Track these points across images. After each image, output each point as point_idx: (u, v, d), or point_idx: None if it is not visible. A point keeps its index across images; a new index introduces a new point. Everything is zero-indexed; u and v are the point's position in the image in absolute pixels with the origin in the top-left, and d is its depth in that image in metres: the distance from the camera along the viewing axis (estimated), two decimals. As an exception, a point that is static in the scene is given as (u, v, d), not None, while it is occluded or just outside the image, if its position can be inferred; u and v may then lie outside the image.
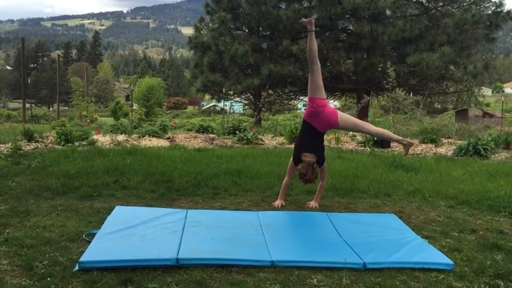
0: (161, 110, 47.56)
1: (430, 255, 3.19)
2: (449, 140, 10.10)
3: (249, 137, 9.11)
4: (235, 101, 22.89)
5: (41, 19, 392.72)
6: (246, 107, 26.20)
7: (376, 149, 8.47)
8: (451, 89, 21.98)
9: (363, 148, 8.85)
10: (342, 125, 4.16)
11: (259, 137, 9.61)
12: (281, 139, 9.80)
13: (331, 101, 31.61)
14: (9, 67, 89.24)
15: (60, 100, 27.11)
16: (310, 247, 3.31)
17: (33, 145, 7.41)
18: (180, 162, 6.16)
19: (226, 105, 20.83)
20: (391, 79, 11.30)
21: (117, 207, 4.08)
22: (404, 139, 4.51)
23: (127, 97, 61.28)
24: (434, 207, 4.61)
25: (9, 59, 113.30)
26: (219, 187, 5.07)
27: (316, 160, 4.15)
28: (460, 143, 9.02)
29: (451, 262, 3.06)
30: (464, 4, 20.66)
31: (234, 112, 20.69)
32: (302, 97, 26.22)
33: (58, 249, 3.10)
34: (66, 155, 6.25)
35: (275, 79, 19.96)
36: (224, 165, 6.07)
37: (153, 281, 2.69)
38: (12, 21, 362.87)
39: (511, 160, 7.71)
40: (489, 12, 19.99)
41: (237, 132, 10.09)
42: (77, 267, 2.79)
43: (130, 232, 3.40)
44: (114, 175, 5.29)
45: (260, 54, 21.15)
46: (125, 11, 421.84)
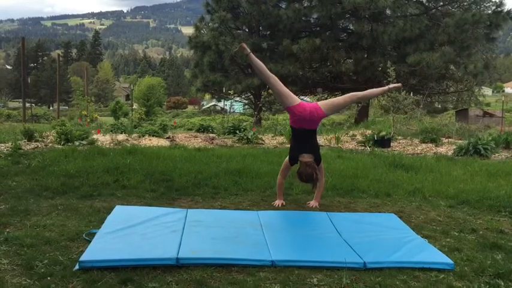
0: (161, 109, 47.55)
1: (430, 254, 3.19)
2: (450, 139, 10.09)
3: (249, 137, 9.11)
4: (235, 101, 22.89)
5: (41, 18, 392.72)
6: (246, 106, 26.21)
7: (376, 148, 8.47)
8: (451, 89, 21.97)
9: (363, 148, 8.85)
10: (329, 112, 4.33)
11: (260, 136, 9.61)
12: (281, 139, 9.79)
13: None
14: (9, 66, 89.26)
15: (60, 99, 27.11)
16: (310, 247, 3.31)
17: (33, 144, 7.40)
18: (180, 161, 6.16)
19: (226, 105, 20.86)
20: (391, 79, 11.28)
21: (117, 206, 4.08)
22: (389, 87, 4.58)
23: (127, 97, 61.29)
24: (435, 207, 4.61)
25: (9, 59, 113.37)
26: (219, 186, 5.07)
27: (313, 159, 4.18)
28: (460, 142, 9.02)
29: (451, 262, 3.06)
30: (465, 4, 20.67)
31: (234, 112, 20.69)
32: (303, 97, 26.19)
33: (58, 249, 3.11)
34: (66, 154, 6.25)
35: (275, 79, 19.94)
36: (224, 164, 6.07)
37: (153, 280, 2.69)
38: (12, 21, 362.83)
39: (511, 160, 7.71)
40: (489, 11, 20.00)
41: (237, 131, 10.09)
42: (77, 267, 2.79)
43: (131, 231, 3.40)
44: (114, 174, 5.29)
45: (260, 54, 21.10)
46: (125, 11, 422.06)
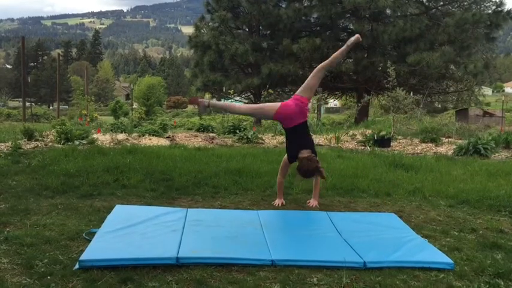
0: (161, 109, 47.52)
1: (430, 254, 3.19)
2: (450, 139, 10.09)
3: (249, 136, 9.10)
4: (236, 100, 22.88)
5: (41, 18, 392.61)
6: (246, 106, 26.18)
7: (376, 148, 8.47)
8: (451, 89, 21.97)
9: (363, 147, 8.85)
10: (308, 94, 4.39)
11: (259, 136, 9.61)
12: (281, 138, 9.78)
13: (331, 100, 31.62)
14: (9, 66, 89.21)
15: (60, 99, 27.10)
16: (310, 246, 3.31)
17: (33, 144, 7.40)
18: (180, 161, 6.16)
19: (226, 104, 20.81)
20: (391, 78, 11.29)
21: (117, 206, 4.08)
22: (347, 44, 4.66)
23: (127, 96, 61.29)
24: (435, 207, 4.61)
25: (9, 58, 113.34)
26: (219, 186, 5.07)
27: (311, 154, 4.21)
28: (460, 142, 9.01)
29: (451, 261, 3.06)
30: (465, 3, 20.68)
31: (234, 111, 20.64)
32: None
33: (58, 248, 3.11)
34: (66, 153, 6.25)
35: (275, 78, 19.96)
36: (224, 164, 6.07)
37: (153, 279, 2.69)
38: (12, 20, 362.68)
39: (511, 159, 7.70)
40: (489, 11, 20.01)
41: (237, 131, 10.08)
42: (77, 266, 2.79)
43: (131, 231, 3.40)
44: (114, 174, 5.29)
45: (260, 53, 21.14)
46: (125, 10, 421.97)
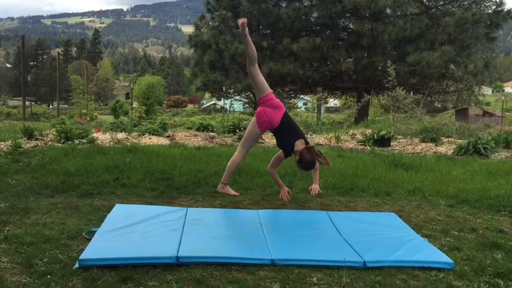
0: (161, 108, 47.51)
1: (430, 254, 3.19)
2: (450, 139, 10.09)
3: (249, 136, 9.08)
4: (235, 100, 22.89)
5: (41, 17, 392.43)
6: (246, 105, 26.22)
7: (376, 147, 8.47)
8: (451, 88, 21.95)
9: (363, 147, 8.85)
10: (265, 92, 4.20)
11: (259, 135, 9.60)
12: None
13: (331, 100, 31.61)
14: (9, 65, 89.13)
15: (60, 98, 27.07)
16: (310, 245, 3.31)
17: (33, 143, 7.40)
18: (180, 160, 6.16)
19: (226, 104, 20.85)
20: (391, 78, 11.28)
21: (117, 205, 4.08)
22: (244, 32, 4.21)
23: (127, 95, 61.25)
24: (434, 206, 4.61)
25: (9, 57, 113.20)
26: (219, 185, 5.06)
27: (306, 142, 4.17)
28: (460, 142, 9.02)
29: (451, 261, 3.06)
30: (465, 3, 20.66)
31: (234, 110, 20.69)
32: (302, 96, 26.22)
33: (58, 247, 3.10)
34: (66, 152, 6.25)
35: (275, 78, 19.93)
36: (224, 163, 6.01)
37: (153, 279, 2.69)
38: (12, 19, 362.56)
39: (511, 159, 7.70)
40: (489, 11, 19.98)
41: (237, 130, 10.08)
42: (77, 265, 2.79)
43: (131, 230, 3.40)
44: (114, 173, 5.29)
45: (260, 53, 21.07)
46: (125, 9, 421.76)
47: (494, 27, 19.67)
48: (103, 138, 8.20)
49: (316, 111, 14.49)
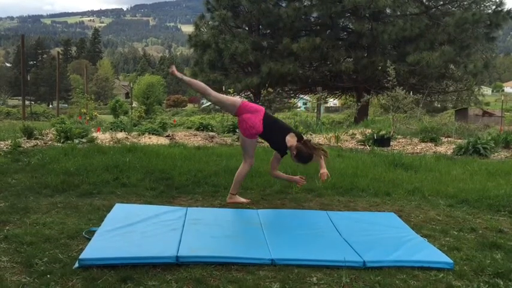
0: (161, 107, 47.52)
1: (430, 254, 3.19)
2: (449, 139, 10.09)
3: (249, 135, 9.09)
4: (235, 99, 22.79)
5: (41, 16, 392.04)
6: (245, 105, 26.14)
7: (375, 147, 8.47)
8: (451, 88, 21.95)
9: (362, 147, 8.86)
10: (232, 108, 4.25)
11: (259, 135, 9.60)
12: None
13: (331, 100, 31.59)
14: (8, 64, 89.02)
15: (60, 97, 27.04)
16: (310, 245, 3.31)
17: (33, 142, 7.40)
18: (180, 160, 6.16)
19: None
20: (391, 78, 11.29)
21: (116, 204, 4.08)
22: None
23: (127, 95, 61.25)
24: (434, 206, 4.61)
25: (9, 56, 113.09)
26: (219, 185, 5.07)
27: (296, 134, 4.21)
28: (459, 142, 9.02)
29: (451, 261, 3.06)
30: (465, 3, 20.65)
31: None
32: (302, 95, 26.19)
33: (58, 247, 3.11)
34: (66, 152, 6.25)
35: (275, 77, 19.92)
36: (224, 163, 6.07)
37: (152, 278, 2.69)
38: (11, 18, 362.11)
39: (510, 159, 7.71)
40: (489, 11, 19.97)
41: (237, 130, 10.07)
42: (76, 265, 2.79)
43: (130, 230, 3.40)
44: (113, 173, 5.29)
45: (260, 53, 21.10)
46: (124, 9, 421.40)
47: (494, 27, 19.67)
48: (103, 137, 8.20)
49: (315, 111, 14.49)
